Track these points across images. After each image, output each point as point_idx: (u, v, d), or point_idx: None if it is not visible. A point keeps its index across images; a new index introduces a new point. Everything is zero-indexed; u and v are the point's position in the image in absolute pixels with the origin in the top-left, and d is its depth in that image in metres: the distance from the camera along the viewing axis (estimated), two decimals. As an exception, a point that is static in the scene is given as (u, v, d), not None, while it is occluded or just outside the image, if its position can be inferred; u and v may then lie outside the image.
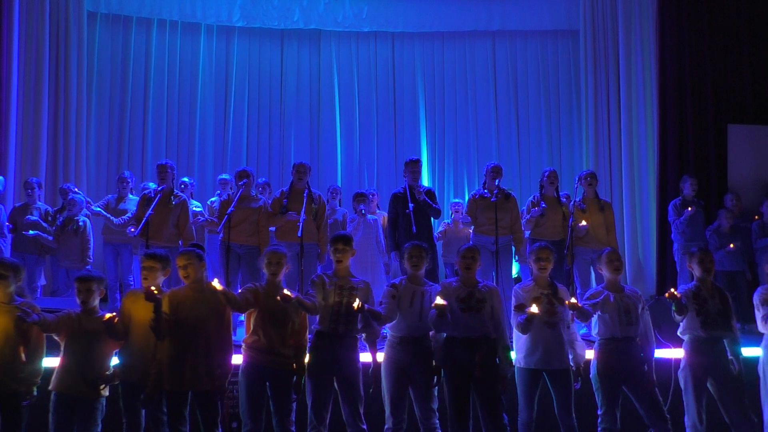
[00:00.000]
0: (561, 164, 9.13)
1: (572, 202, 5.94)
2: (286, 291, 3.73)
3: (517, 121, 9.39)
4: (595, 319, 4.13)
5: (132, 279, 6.32)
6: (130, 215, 6.02)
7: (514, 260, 6.12)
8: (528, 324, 3.93)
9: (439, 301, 3.78)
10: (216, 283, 3.70)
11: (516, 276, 6.55)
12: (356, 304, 3.75)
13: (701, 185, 6.98)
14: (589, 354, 4.23)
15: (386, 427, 3.90)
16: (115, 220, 6.07)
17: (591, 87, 8.41)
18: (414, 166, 5.92)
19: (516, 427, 4.04)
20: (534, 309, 3.86)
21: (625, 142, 8.19)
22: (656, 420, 4.00)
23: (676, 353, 4.40)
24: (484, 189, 5.95)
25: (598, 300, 4.10)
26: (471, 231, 6.11)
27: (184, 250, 3.86)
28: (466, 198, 8.42)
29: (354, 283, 3.99)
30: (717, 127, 7.73)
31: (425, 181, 8.86)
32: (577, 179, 6.17)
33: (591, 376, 4.10)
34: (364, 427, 3.86)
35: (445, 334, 3.97)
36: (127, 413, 3.72)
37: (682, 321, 4.20)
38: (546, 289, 4.06)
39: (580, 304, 3.99)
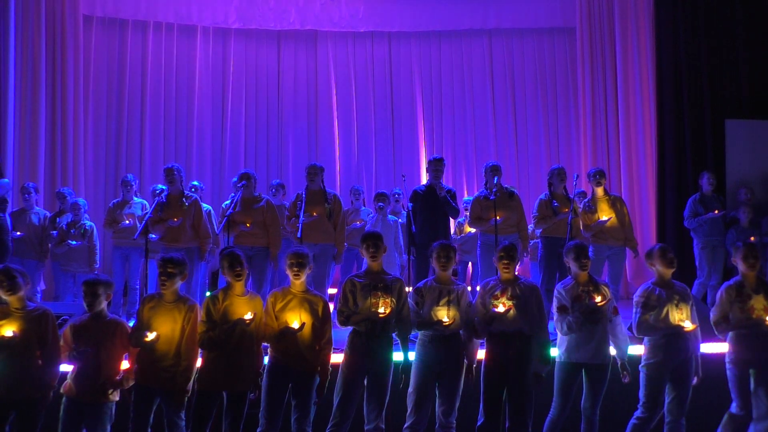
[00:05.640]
0: (559, 161, 9.13)
1: (583, 202, 5.96)
2: (247, 316, 3.70)
3: (515, 119, 9.41)
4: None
5: (138, 283, 6.27)
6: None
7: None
8: (571, 327, 3.92)
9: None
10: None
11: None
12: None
13: (698, 181, 6.97)
14: (637, 349, 4.22)
15: (406, 425, 3.88)
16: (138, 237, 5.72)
17: (588, 84, 8.44)
18: (436, 164, 5.95)
19: (539, 425, 4.02)
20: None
21: (623, 139, 8.22)
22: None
23: (722, 347, 4.32)
24: (485, 189, 5.97)
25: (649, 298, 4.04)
26: (478, 231, 6.10)
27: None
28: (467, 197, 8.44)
29: (388, 281, 3.97)
30: (714, 123, 7.73)
31: (423, 179, 8.85)
32: (575, 177, 6.16)
33: (639, 367, 4.06)
34: (383, 426, 3.86)
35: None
36: (136, 419, 3.68)
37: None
38: (587, 286, 4.04)
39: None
